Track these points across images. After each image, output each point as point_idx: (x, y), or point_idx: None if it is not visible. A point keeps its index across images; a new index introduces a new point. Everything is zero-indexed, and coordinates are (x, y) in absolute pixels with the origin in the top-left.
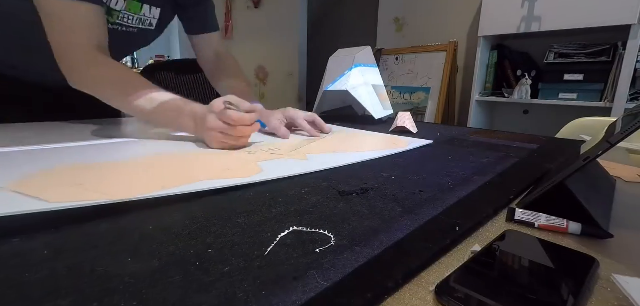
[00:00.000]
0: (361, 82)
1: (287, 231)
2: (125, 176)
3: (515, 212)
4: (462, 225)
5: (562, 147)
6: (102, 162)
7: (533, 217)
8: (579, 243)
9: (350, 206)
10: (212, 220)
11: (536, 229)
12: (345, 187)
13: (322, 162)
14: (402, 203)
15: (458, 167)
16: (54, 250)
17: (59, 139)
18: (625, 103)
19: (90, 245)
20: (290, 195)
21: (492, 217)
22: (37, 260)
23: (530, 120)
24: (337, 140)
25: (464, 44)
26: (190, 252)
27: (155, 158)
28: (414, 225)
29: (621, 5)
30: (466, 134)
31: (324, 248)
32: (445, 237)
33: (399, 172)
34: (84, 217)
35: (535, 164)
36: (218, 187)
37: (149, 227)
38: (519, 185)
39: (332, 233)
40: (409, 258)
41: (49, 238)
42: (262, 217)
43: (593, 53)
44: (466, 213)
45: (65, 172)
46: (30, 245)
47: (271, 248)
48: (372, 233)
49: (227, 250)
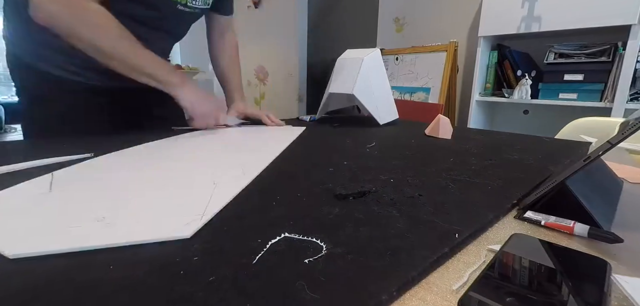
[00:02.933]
0: (367, 86)
1: (278, 237)
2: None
3: (520, 211)
4: (462, 231)
5: (571, 149)
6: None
7: (539, 216)
8: (583, 243)
9: (347, 210)
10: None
11: (542, 227)
12: (342, 189)
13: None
14: (399, 208)
15: (459, 169)
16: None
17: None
18: (625, 104)
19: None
20: (285, 199)
21: (494, 223)
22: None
23: (530, 120)
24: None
25: (464, 44)
26: (175, 259)
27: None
28: (411, 231)
29: (621, 5)
30: (468, 135)
31: (315, 258)
32: (443, 244)
33: (399, 174)
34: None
35: (538, 166)
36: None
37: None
38: (522, 187)
39: (324, 241)
40: (405, 268)
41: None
42: (253, 221)
43: (593, 53)
44: (467, 218)
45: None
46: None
47: (260, 256)
48: (368, 241)
49: (215, 256)
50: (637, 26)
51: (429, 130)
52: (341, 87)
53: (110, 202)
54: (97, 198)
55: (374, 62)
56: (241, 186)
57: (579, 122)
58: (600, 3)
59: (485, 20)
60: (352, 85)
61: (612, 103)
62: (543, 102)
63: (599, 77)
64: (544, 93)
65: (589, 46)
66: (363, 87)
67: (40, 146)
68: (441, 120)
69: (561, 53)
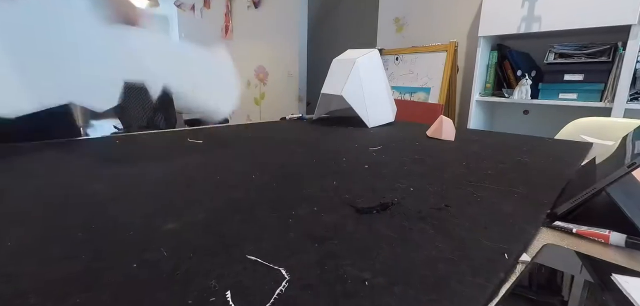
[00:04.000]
0: (358, 88)
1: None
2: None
3: (552, 220)
4: (510, 250)
5: (578, 150)
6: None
7: (569, 224)
8: (620, 253)
9: (373, 226)
10: (211, 250)
11: (573, 235)
12: (362, 201)
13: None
14: (431, 222)
15: (476, 174)
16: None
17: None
18: (625, 104)
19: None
20: (302, 215)
21: (535, 236)
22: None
23: (530, 120)
24: None
25: (464, 44)
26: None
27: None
28: (454, 252)
29: (621, 5)
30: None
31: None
32: (496, 268)
33: (416, 181)
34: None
35: (553, 170)
36: None
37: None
38: (547, 193)
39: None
40: (465, 302)
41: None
42: (272, 244)
43: (593, 53)
44: (507, 233)
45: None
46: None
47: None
48: (410, 266)
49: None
50: (637, 26)
51: (432, 132)
52: (332, 88)
53: None
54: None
55: (370, 62)
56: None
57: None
58: (601, 3)
59: (485, 20)
60: (341, 86)
61: (612, 103)
62: (543, 102)
63: (599, 77)
64: (544, 93)
65: (589, 46)
66: (353, 89)
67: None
68: (444, 121)
69: (561, 53)
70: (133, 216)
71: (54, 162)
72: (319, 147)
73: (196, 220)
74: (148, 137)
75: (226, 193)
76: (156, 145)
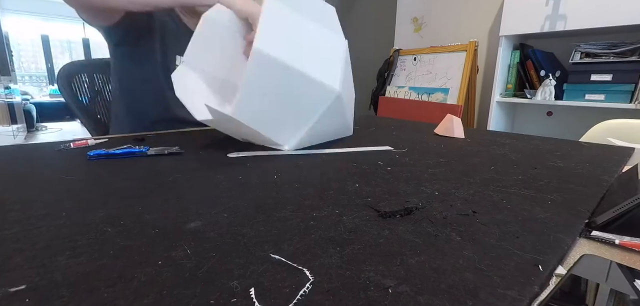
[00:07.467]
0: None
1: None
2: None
3: (591, 229)
4: (545, 262)
5: (615, 155)
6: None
7: (613, 235)
8: None
9: (396, 232)
10: (230, 252)
11: (615, 246)
12: (385, 205)
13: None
14: (457, 228)
15: (504, 178)
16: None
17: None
18: None
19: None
20: (323, 217)
21: (572, 247)
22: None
23: (554, 122)
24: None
25: (485, 44)
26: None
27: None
28: (483, 261)
29: None
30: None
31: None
32: (530, 281)
33: (439, 184)
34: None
35: (591, 175)
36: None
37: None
38: (586, 201)
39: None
40: None
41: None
42: (294, 247)
43: (623, 52)
44: (541, 242)
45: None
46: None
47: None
48: (435, 274)
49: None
50: None
51: (443, 130)
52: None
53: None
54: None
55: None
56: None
57: (606, 124)
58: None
59: (507, 19)
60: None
61: None
62: (568, 103)
63: (629, 78)
64: (569, 94)
65: (618, 45)
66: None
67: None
68: (454, 119)
69: (588, 52)
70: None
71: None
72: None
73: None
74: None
75: (247, 193)
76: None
